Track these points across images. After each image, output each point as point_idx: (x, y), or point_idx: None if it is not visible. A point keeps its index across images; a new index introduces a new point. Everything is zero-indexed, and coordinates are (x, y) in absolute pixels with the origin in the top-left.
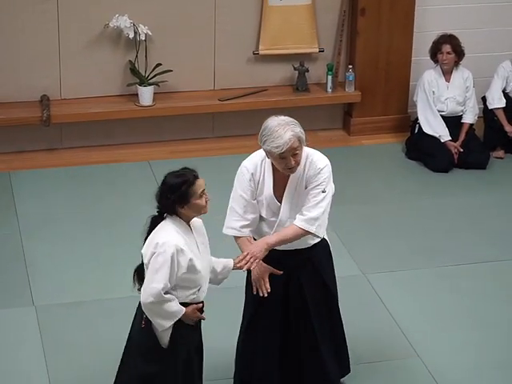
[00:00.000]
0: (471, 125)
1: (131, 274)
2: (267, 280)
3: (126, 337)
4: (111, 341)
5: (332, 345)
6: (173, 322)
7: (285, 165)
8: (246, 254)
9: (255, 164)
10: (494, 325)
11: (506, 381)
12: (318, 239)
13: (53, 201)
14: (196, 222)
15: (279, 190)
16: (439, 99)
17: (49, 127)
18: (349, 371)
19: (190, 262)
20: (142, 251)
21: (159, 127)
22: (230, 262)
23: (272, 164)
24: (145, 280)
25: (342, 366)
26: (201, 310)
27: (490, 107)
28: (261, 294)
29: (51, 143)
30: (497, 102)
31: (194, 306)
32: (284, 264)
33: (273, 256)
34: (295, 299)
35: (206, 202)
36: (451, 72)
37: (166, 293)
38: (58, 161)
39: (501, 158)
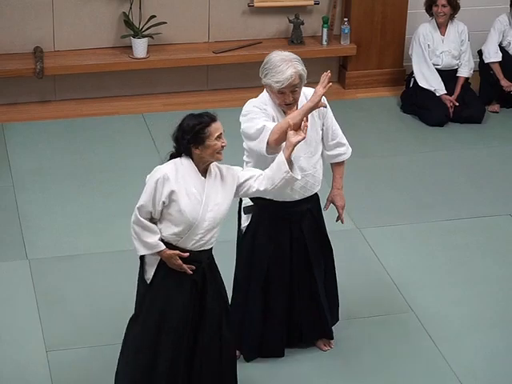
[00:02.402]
0: (467, 78)
1: (124, 226)
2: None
3: (120, 289)
4: (105, 294)
5: (327, 295)
6: (148, 253)
7: (283, 100)
8: (290, 128)
9: (264, 102)
10: (489, 280)
11: (499, 336)
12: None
13: (46, 153)
14: (229, 171)
15: None
16: (434, 53)
17: (42, 79)
18: (337, 320)
19: (172, 195)
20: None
21: (153, 80)
22: (281, 157)
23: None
24: None
25: (333, 315)
26: (191, 262)
27: (486, 61)
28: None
29: (44, 95)
30: (493, 55)
31: (177, 251)
32: (291, 215)
33: (284, 206)
34: (299, 252)
35: (222, 146)
36: (446, 25)
37: (151, 220)
38: (52, 113)
39: (496, 112)
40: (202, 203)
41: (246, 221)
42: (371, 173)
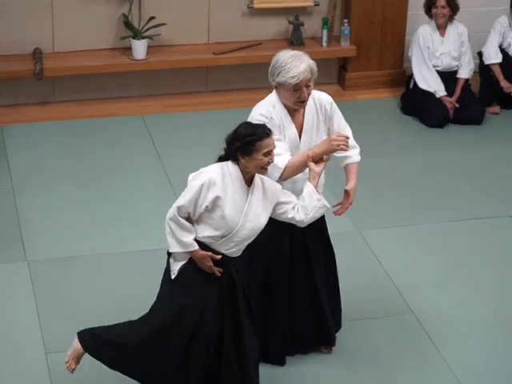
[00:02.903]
0: (467, 80)
1: (124, 227)
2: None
3: (120, 291)
4: (104, 295)
5: (329, 300)
6: (181, 251)
7: (298, 96)
8: (311, 158)
9: (268, 111)
10: (489, 282)
11: (499, 337)
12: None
13: (45, 155)
14: (272, 185)
15: (298, 130)
16: (434, 54)
17: (41, 80)
18: (340, 327)
19: (217, 201)
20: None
21: (153, 81)
22: (308, 186)
23: (285, 106)
24: None
25: (335, 322)
26: (220, 265)
27: (486, 62)
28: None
29: (44, 97)
30: (493, 57)
31: (210, 253)
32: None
33: None
34: (299, 254)
35: (269, 163)
36: (446, 27)
37: (188, 219)
38: (51, 114)
39: (496, 114)
40: (243, 212)
41: None
42: (371, 174)
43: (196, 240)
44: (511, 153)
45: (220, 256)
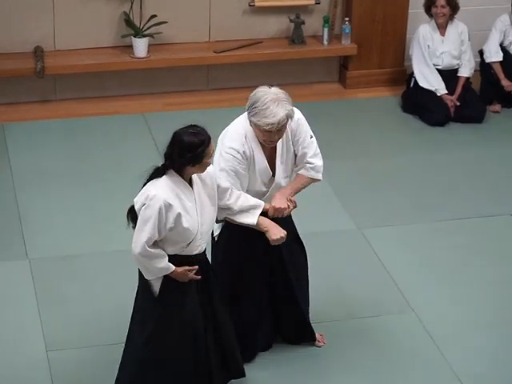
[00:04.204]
0: (467, 78)
1: (125, 226)
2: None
3: (120, 289)
4: (105, 294)
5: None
6: (158, 276)
7: (268, 138)
8: (272, 212)
9: (241, 143)
10: (490, 280)
11: (499, 336)
12: None
13: (46, 153)
14: (206, 173)
15: (271, 161)
16: (434, 53)
17: (43, 79)
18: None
19: (178, 218)
20: (135, 199)
21: (154, 79)
22: (261, 204)
23: (257, 137)
24: (136, 227)
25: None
26: (197, 272)
27: (487, 61)
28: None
29: (45, 95)
30: (494, 55)
31: (187, 267)
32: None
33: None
34: (273, 255)
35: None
36: (446, 26)
37: (154, 245)
38: (52, 113)
39: (497, 112)
40: (197, 213)
41: (217, 229)
42: (372, 173)
43: (168, 255)
44: None
45: (197, 267)
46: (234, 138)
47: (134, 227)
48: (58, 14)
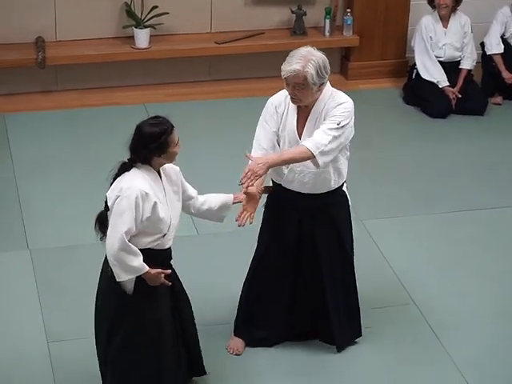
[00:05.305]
0: (469, 70)
1: None
2: (253, 212)
3: None
4: None
5: (343, 305)
6: (131, 277)
7: (288, 90)
8: (246, 170)
9: (279, 99)
10: (491, 272)
11: (500, 327)
12: (334, 185)
13: (48, 143)
14: (171, 169)
15: (301, 127)
16: (437, 45)
17: (44, 69)
18: (360, 335)
19: (154, 207)
20: (107, 194)
21: (155, 70)
22: (230, 198)
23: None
24: (109, 225)
25: (353, 329)
26: (167, 277)
27: (489, 53)
28: (238, 224)
29: (46, 85)
30: (495, 47)
31: (160, 270)
32: (298, 207)
33: (287, 197)
34: (307, 246)
35: (179, 150)
36: (449, 18)
37: (130, 240)
38: (53, 103)
39: (499, 104)
40: (168, 205)
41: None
42: (373, 164)
43: (141, 249)
44: None
45: (170, 271)
46: (277, 94)
47: (101, 238)
48: (60, 5)
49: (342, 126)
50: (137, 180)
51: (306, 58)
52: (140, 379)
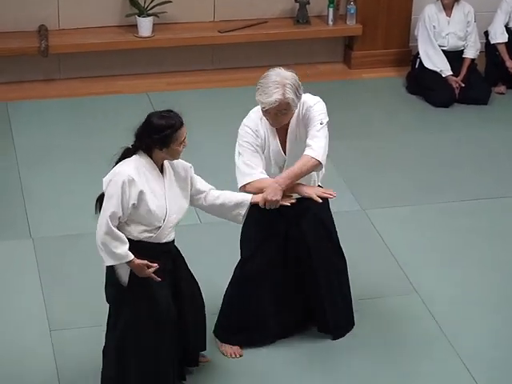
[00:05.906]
0: (473, 60)
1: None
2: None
3: None
4: None
5: (337, 294)
6: (116, 263)
7: (268, 118)
8: (262, 204)
9: (255, 123)
10: (494, 262)
11: (503, 318)
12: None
13: (50, 131)
14: (181, 164)
15: (283, 143)
16: (440, 34)
17: (47, 58)
18: (353, 326)
19: (141, 196)
20: (103, 179)
21: (158, 59)
22: (248, 197)
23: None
24: (101, 210)
25: (348, 317)
26: (160, 254)
27: (492, 42)
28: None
29: (49, 74)
30: (499, 36)
31: (145, 262)
32: (283, 213)
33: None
34: (295, 247)
35: (183, 149)
36: (452, 7)
37: (119, 228)
38: (56, 91)
39: (502, 94)
40: (166, 199)
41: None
42: (376, 153)
43: (135, 241)
44: None
45: (156, 265)
46: (250, 118)
47: None
48: None
49: (325, 124)
50: (129, 166)
51: (281, 84)
52: (137, 369)
